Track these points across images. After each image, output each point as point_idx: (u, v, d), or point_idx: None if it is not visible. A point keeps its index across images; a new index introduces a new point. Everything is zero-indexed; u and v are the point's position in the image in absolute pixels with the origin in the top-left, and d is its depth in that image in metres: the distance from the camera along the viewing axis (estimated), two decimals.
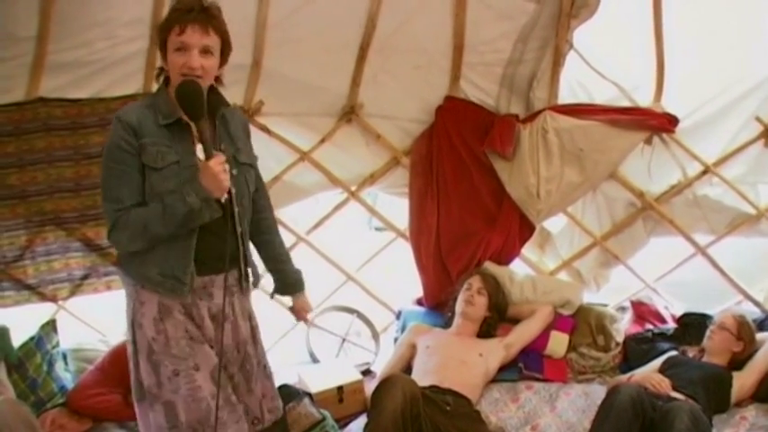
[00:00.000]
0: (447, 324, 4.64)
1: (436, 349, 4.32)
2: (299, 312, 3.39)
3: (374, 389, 3.67)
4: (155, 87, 2.83)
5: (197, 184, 2.56)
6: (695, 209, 4.97)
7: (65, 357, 4.47)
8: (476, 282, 4.57)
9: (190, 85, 2.57)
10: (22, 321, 4.44)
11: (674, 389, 3.89)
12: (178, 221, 2.58)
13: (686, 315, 4.86)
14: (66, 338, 4.54)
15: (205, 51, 2.60)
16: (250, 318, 2.98)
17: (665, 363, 4.24)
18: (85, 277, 4.57)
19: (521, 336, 4.53)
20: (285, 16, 4.52)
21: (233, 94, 4.39)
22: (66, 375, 4.35)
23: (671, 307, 5.14)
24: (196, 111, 2.59)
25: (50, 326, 4.45)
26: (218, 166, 2.55)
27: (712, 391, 3.97)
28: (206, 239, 2.69)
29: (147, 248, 2.67)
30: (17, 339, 4.25)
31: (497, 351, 4.39)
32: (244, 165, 2.84)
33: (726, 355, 4.23)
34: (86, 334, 4.72)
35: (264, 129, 4.82)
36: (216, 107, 2.74)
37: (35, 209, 4.37)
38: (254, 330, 2.98)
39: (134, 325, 2.74)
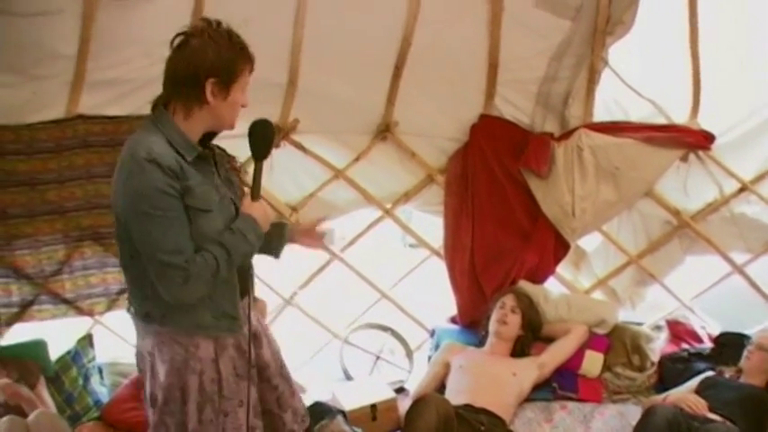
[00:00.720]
0: (481, 343, 4.63)
1: (470, 368, 4.31)
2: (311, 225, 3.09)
3: (408, 408, 3.68)
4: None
5: (252, 222, 2.55)
6: (732, 227, 4.92)
7: (100, 371, 4.52)
8: (509, 300, 4.56)
9: (270, 126, 2.62)
10: (59, 335, 4.51)
11: (711, 410, 3.83)
12: (239, 261, 2.55)
13: (723, 335, 4.81)
14: (102, 353, 4.60)
15: None
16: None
17: (701, 383, 4.19)
18: (122, 292, 4.58)
19: (555, 355, 4.51)
20: (320, 36, 4.54)
21: (268, 112, 4.42)
22: (101, 389, 4.40)
23: (707, 326, 5.08)
24: (267, 150, 2.63)
25: (87, 340, 4.52)
26: (269, 208, 2.64)
27: (750, 412, 3.91)
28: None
29: None
30: (54, 353, 4.33)
31: (531, 370, 4.37)
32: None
33: (764, 376, 4.15)
34: (122, 348, 4.72)
35: (299, 146, 4.86)
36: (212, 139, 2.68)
37: (73, 224, 4.42)
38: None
39: (186, 372, 2.60)
